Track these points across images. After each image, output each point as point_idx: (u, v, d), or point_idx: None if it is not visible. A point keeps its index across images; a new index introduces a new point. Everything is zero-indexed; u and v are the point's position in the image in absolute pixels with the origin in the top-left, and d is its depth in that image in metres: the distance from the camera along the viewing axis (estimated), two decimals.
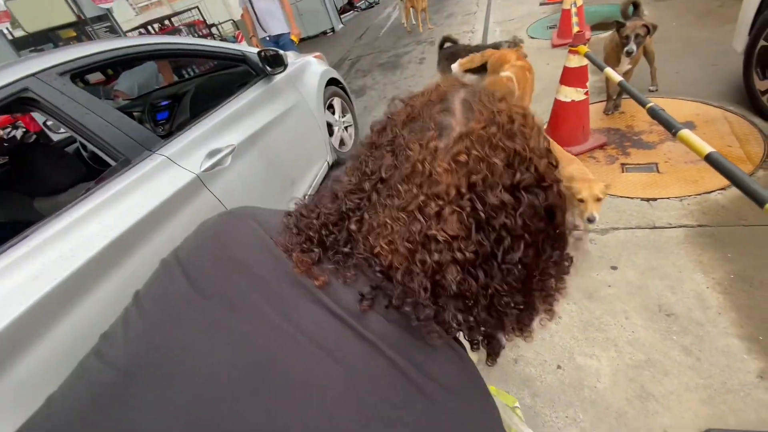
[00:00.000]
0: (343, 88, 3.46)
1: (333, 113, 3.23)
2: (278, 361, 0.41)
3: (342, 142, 3.33)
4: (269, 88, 2.27)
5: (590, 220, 1.78)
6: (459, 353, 0.47)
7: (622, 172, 2.50)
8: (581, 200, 1.76)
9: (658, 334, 1.65)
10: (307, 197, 0.57)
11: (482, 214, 0.43)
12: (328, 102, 3.08)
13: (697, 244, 1.94)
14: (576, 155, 2.71)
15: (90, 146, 1.42)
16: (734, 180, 1.17)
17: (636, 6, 2.78)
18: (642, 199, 2.27)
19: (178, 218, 1.45)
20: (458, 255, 0.42)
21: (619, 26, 2.63)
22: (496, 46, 3.12)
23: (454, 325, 0.44)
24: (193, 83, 2.77)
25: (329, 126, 3.03)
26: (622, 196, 2.31)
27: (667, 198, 2.23)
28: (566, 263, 0.53)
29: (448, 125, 0.46)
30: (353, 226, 0.48)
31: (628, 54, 2.60)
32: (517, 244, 0.45)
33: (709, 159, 1.26)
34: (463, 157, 0.44)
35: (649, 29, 2.60)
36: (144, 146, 1.52)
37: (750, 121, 2.57)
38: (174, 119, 2.50)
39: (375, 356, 0.41)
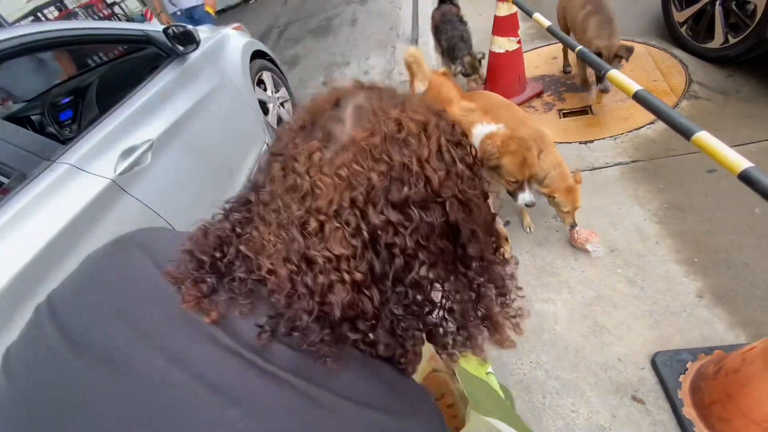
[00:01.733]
0: (272, 60, 3.20)
1: (265, 89, 3.00)
2: (173, 419, 0.35)
3: (280, 120, 3.14)
4: (184, 69, 2.04)
5: (572, 227, 1.80)
6: (376, 369, 0.44)
7: (560, 118, 2.55)
8: (566, 211, 1.74)
9: (604, 270, 1.74)
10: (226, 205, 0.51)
11: (365, 233, 0.39)
12: (256, 77, 2.85)
13: (632, 180, 2.04)
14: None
15: None
16: (662, 116, 1.20)
17: None
18: (580, 143, 2.34)
19: (100, 233, 1.29)
20: (345, 276, 0.39)
21: None
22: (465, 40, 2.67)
23: (352, 344, 0.41)
24: (97, 73, 2.45)
25: (262, 104, 2.82)
26: (562, 142, 2.37)
27: (602, 138, 2.31)
28: (492, 287, 0.50)
29: (335, 134, 0.43)
30: (243, 246, 0.42)
31: None
32: (411, 264, 0.42)
33: (636, 97, 1.28)
34: (343, 171, 0.40)
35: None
36: (40, 156, 1.32)
37: (671, 53, 2.68)
38: (80, 118, 2.22)
39: (278, 389, 0.37)
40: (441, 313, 0.48)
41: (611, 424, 1.31)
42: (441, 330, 0.49)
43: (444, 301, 0.47)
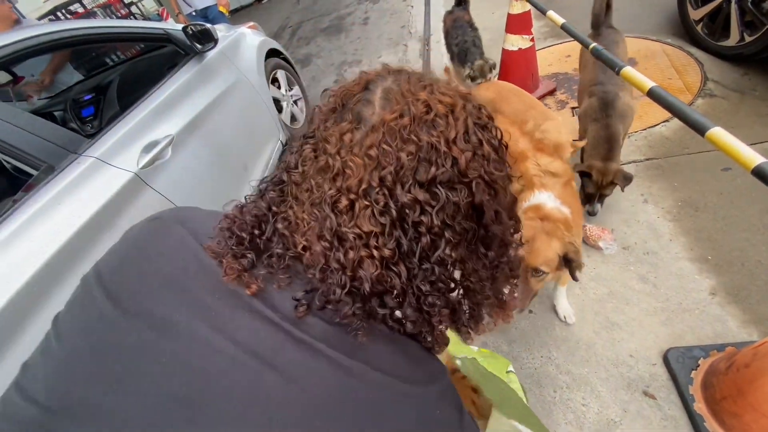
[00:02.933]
0: (286, 59, 3.26)
1: (278, 87, 3.05)
2: (215, 380, 0.38)
3: (293, 118, 3.18)
4: (202, 67, 2.09)
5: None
6: (402, 344, 0.46)
7: (573, 115, 2.55)
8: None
9: (617, 267, 1.74)
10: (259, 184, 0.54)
11: (393, 211, 0.41)
12: (271, 76, 2.89)
13: (646, 177, 2.03)
14: None
15: (4, 157, 1.27)
16: (676, 112, 1.20)
17: (608, 6, 2.15)
18: None
19: (122, 224, 1.34)
20: (374, 252, 0.41)
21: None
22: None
23: (381, 320, 0.44)
24: (117, 71, 2.52)
25: (276, 102, 2.87)
26: (575, 140, 2.36)
27: None
28: (507, 268, 0.52)
29: (365, 116, 0.44)
30: (279, 224, 0.45)
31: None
32: (437, 243, 0.43)
33: (651, 94, 1.28)
34: (373, 151, 0.42)
35: None
36: (67, 149, 1.37)
37: (687, 52, 2.65)
38: (102, 114, 2.28)
39: (314, 359, 0.40)
40: (461, 291, 0.49)
41: (622, 418, 1.32)
42: (464, 308, 0.51)
43: (464, 280, 0.49)
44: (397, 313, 0.44)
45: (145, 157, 1.52)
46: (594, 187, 1.76)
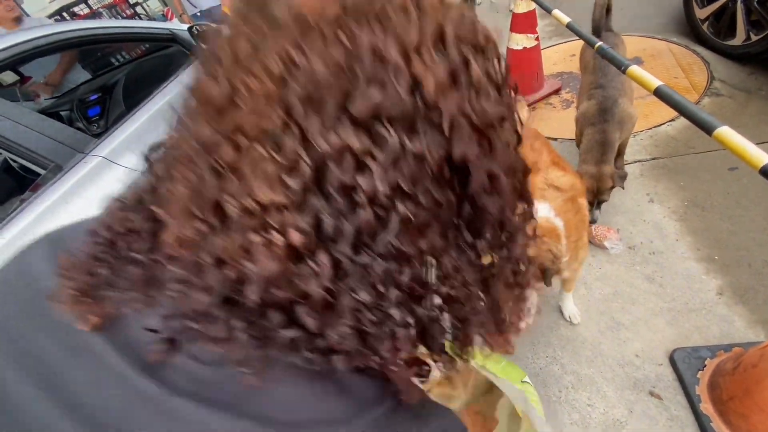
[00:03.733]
0: None
1: None
2: None
3: None
4: None
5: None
6: (324, 377, 0.30)
7: None
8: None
9: (623, 267, 1.73)
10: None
11: (308, 165, 0.25)
12: None
13: (651, 177, 2.02)
14: (533, 103, 2.73)
15: (12, 156, 1.28)
16: (683, 111, 1.20)
17: (608, 10, 2.14)
18: None
19: None
20: (274, 235, 0.25)
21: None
22: None
23: (289, 349, 0.28)
24: (123, 71, 2.53)
25: None
26: None
27: None
28: (509, 269, 0.35)
29: (275, 14, 0.28)
30: (153, 207, 0.31)
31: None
32: (384, 221, 0.26)
33: (657, 93, 1.27)
34: (276, 63, 0.25)
35: None
36: (75, 149, 1.38)
37: (693, 50, 2.64)
38: (108, 114, 2.30)
39: (180, 427, 0.27)
40: (436, 301, 0.31)
41: (627, 418, 1.32)
42: (438, 327, 0.32)
43: (438, 283, 0.31)
44: (320, 337, 0.28)
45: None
46: (590, 194, 1.69)
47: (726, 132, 1.07)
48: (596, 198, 1.73)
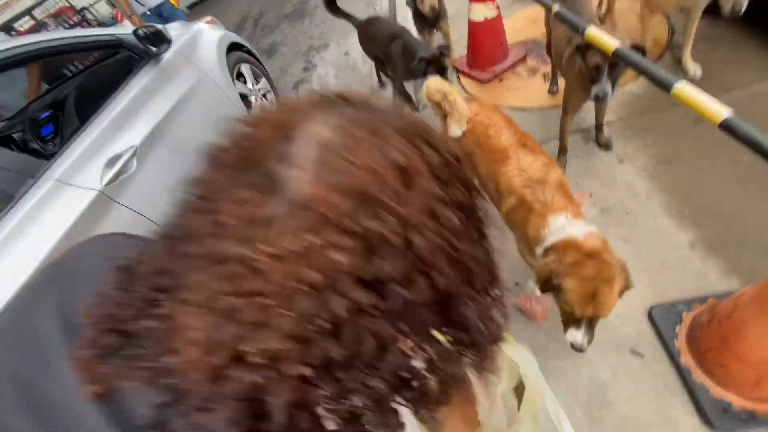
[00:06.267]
0: (249, 51, 3.15)
1: (245, 82, 2.96)
2: None
3: None
4: (159, 70, 2.01)
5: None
6: None
7: (545, 81, 2.52)
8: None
9: (598, 231, 1.75)
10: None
11: (325, 321, 0.28)
12: (235, 71, 2.81)
13: (620, 137, 2.03)
14: (500, 73, 2.70)
15: None
16: (641, 70, 1.19)
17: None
18: None
19: None
20: (289, 371, 0.28)
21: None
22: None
23: None
24: (73, 83, 2.41)
25: (244, 97, 2.79)
26: (548, 107, 2.34)
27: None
28: (484, 335, 0.38)
29: (283, 184, 0.29)
30: (153, 322, 0.31)
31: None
32: (385, 346, 0.31)
33: (616, 54, 1.27)
34: (296, 245, 0.28)
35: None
36: (24, 174, 1.31)
37: None
38: (62, 130, 2.19)
39: None
40: (420, 382, 0.35)
41: (612, 379, 1.35)
42: (422, 394, 0.36)
43: (423, 365, 0.35)
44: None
45: (108, 173, 1.47)
46: (600, 56, 1.45)
47: (684, 88, 1.07)
48: (609, 61, 1.46)
